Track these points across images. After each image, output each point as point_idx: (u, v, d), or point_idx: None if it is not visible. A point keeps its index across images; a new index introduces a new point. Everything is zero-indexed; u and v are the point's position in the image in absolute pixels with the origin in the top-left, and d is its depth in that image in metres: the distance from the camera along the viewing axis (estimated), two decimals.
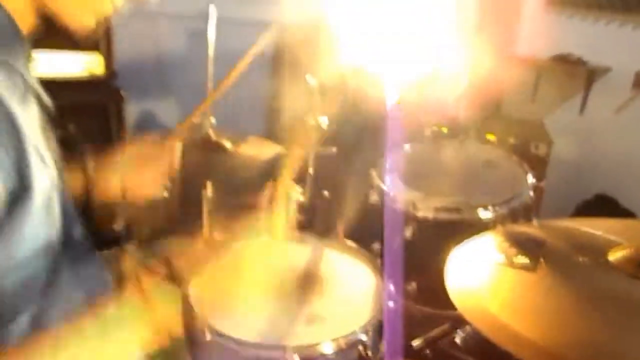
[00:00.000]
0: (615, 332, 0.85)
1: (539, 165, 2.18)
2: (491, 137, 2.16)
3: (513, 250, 1.06)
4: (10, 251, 0.64)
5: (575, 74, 2.23)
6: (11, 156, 0.61)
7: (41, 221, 0.67)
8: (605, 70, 2.33)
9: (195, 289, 1.21)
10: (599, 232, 1.08)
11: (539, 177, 2.14)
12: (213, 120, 1.54)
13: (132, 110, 2.28)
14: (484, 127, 2.19)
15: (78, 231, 0.81)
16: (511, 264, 1.02)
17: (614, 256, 1.00)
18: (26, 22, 0.73)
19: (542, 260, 1.01)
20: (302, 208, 1.69)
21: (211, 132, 1.52)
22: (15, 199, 0.62)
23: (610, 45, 2.30)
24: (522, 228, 1.18)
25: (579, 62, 2.25)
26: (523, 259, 1.02)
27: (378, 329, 1.18)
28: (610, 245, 1.03)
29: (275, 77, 2.60)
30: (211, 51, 1.43)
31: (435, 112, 2.11)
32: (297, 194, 1.74)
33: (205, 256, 1.35)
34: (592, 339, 0.83)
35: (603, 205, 2.22)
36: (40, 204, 0.66)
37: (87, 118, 1.90)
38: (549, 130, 2.25)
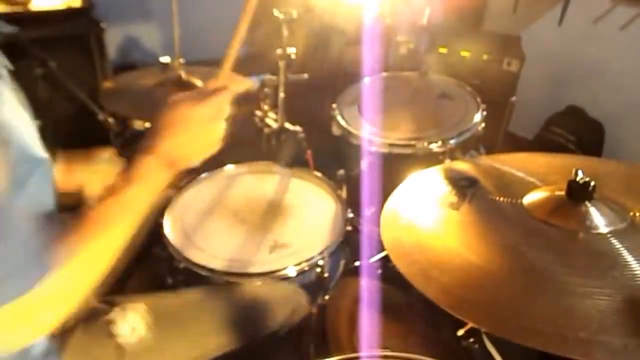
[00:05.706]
0: (516, 279, 0.85)
1: (510, 81, 2.22)
2: (465, 54, 2.17)
3: (447, 188, 1.09)
4: None
5: None
6: None
7: None
8: None
9: (168, 220, 1.38)
10: (520, 173, 1.09)
11: (510, 93, 2.20)
12: (182, 60, 1.60)
13: (113, 40, 2.30)
14: (460, 43, 2.19)
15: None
16: (440, 202, 1.05)
17: (528, 199, 1.01)
18: None
19: (468, 200, 1.04)
20: (274, 134, 1.79)
21: (182, 72, 1.58)
22: None
23: None
24: (461, 165, 1.20)
25: None
26: (451, 197, 1.06)
27: (336, 253, 1.35)
28: (529, 187, 1.03)
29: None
30: None
31: (410, 29, 2.11)
32: (271, 120, 1.84)
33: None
34: (491, 283, 0.84)
35: (572, 117, 2.28)
36: None
37: (67, 51, 1.92)
38: (526, 45, 2.25)
